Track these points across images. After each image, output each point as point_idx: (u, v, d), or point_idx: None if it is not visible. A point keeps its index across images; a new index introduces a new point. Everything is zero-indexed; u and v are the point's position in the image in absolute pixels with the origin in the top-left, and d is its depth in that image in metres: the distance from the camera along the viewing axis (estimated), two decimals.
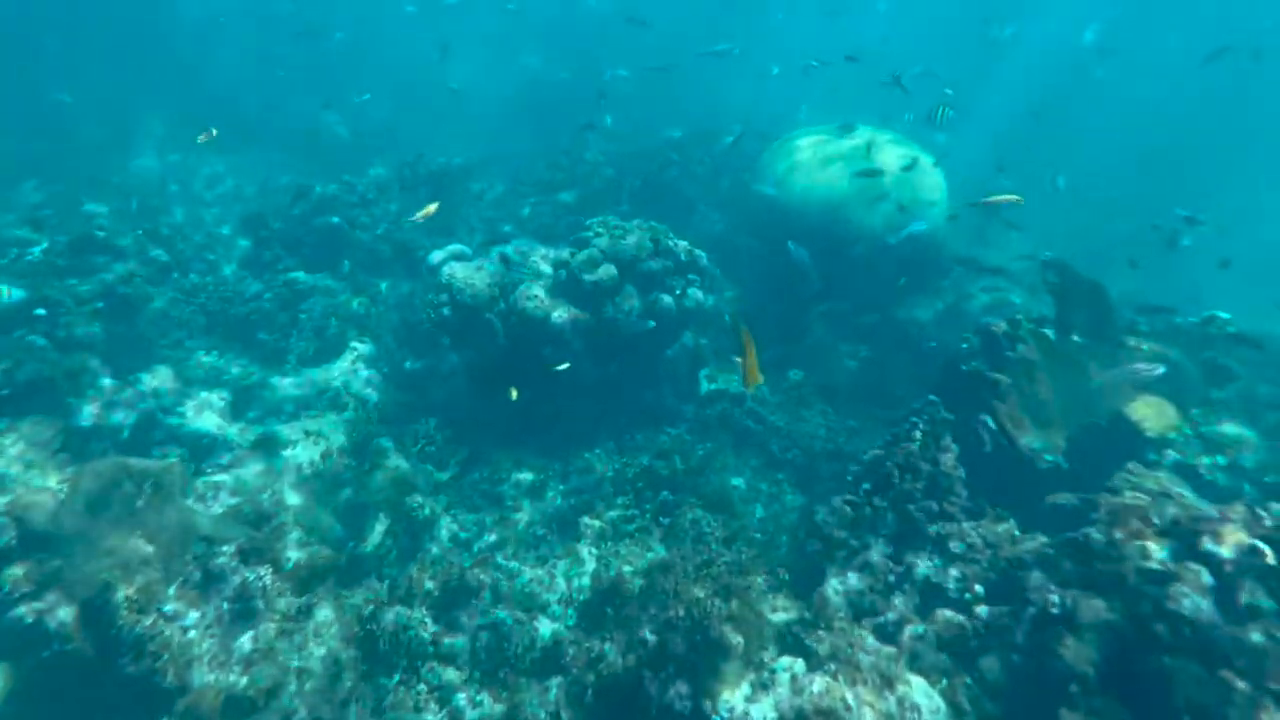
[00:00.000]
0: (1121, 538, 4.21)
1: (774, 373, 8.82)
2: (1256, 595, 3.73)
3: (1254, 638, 3.60)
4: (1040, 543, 4.67)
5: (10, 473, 5.96)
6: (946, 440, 5.42)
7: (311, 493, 6.75)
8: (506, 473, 7.48)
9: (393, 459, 7.21)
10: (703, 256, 8.12)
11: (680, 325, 8.10)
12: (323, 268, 10.08)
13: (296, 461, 6.95)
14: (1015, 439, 5.84)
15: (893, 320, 9.60)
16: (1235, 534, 3.96)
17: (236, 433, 7.56)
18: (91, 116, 14.45)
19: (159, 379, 7.79)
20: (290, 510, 6.29)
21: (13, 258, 8.54)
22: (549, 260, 8.00)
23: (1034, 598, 4.27)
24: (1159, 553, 4.07)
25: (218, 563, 5.17)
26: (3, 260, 8.49)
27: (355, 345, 8.99)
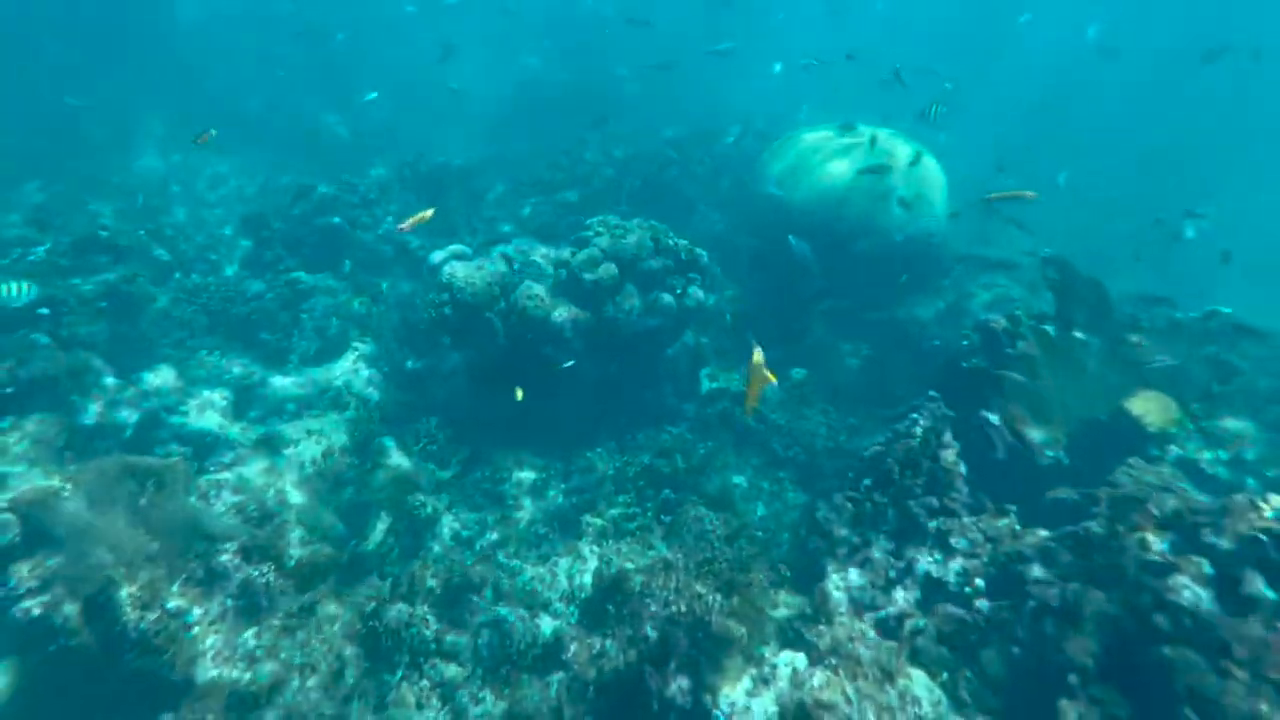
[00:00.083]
0: (1122, 530, 4.22)
1: (775, 372, 8.79)
2: (1256, 586, 3.74)
3: (1254, 628, 3.61)
4: (1041, 537, 4.69)
5: (15, 470, 5.98)
6: (947, 436, 5.44)
7: (314, 491, 6.76)
8: (508, 471, 7.49)
9: (394, 458, 7.24)
10: (703, 255, 8.12)
11: (681, 324, 8.12)
12: (324, 268, 10.10)
13: (299, 460, 6.95)
14: (1019, 434, 5.85)
15: (894, 319, 9.62)
16: (1235, 526, 3.97)
17: (239, 432, 7.56)
18: (93, 117, 14.46)
19: (161, 378, 7.80)
20: (292, 509, 6.30)
21: (16, 257, 8.57)
22: (549, 259, 8.01)
23: (1034, 591, 4.29)
24: (1159, 544, 4.08)
25: (220, 560, 5.20)
26: (5, 260, 8.52)
27: (357, 345, 9.00)
